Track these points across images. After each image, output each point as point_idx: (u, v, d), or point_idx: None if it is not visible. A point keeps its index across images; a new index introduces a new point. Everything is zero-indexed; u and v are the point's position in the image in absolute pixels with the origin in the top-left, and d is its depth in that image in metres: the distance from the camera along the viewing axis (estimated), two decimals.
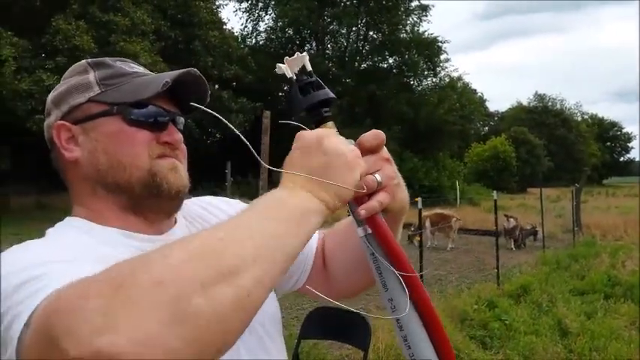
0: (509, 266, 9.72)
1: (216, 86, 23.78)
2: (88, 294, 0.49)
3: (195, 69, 0.89)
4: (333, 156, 0.72)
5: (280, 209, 0.66)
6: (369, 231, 0.80)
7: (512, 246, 12.70)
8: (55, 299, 0.53)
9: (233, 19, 77.52)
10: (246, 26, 36.00)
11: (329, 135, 0.75)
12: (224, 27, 28.56)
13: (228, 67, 25.21)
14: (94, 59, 0.94)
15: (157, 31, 21.74)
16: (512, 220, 12.75)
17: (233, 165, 7.84)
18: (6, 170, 21.04)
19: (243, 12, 35.09)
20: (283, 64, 0.82)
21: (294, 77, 0.82)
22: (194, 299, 0.49)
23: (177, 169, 0.88)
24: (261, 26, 35.40)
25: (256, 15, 34.58)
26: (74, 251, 0.74)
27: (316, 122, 0.82)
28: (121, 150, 0.85)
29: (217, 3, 28.69)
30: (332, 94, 0.82)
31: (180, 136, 0.90)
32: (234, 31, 32.90)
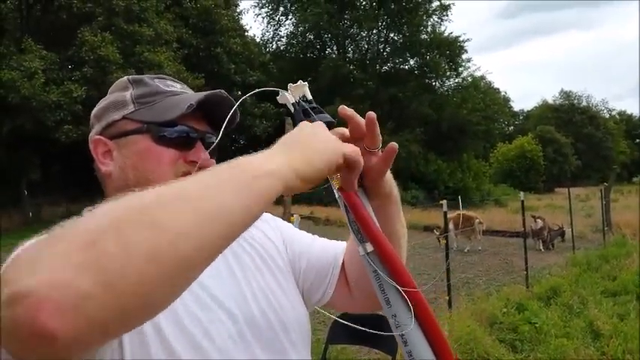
0: (539, 268, 9.57)
1: (239, 92, 23.99)
2: (31, 245, 0.53)
3: (223, 90, 0.92)
4: (321, 138, 0.74)
5: (230, 168, 0.63)
6: (371, 249, 0.80)
7: (541, 247, 12.50)
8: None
9: (254, 25, 78.40)
10: (267, 31, 36.32)
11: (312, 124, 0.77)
12: (245, 33, 28.86)
13: (251, 74, 25.43)
14: (135, 76, 0.98)
15: (179, 40, 22.06)
16: (539, 220, 12.56)
17: None
18: (36, 180, 21.53)
19: (263, 18, 35.40)
20: (287, 91, 0.87)
21: (297, 102, 0.87)
22: (107, 243, 0.49)
23: None
24: (282, 31, 35.67)
25: (277, 20, 34.84)
26: None
27: None
28: (149, 167, 0.90)
29: (238, 10, 29.01)
30: (332, 119, 0.85)
31: (206, 155, 0.93)
32: (256, 37, 33.21)
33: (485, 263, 10.80)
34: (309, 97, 0.88)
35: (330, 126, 0.83)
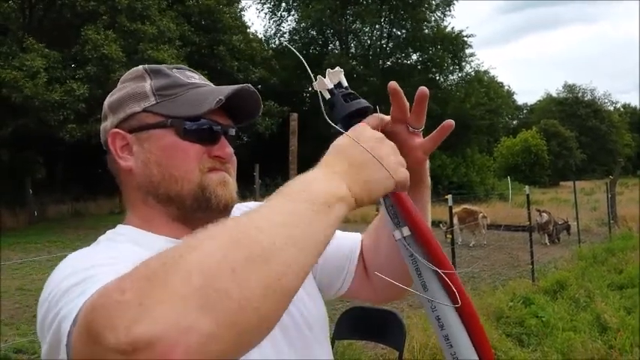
0: (544, 262, 9.55)
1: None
2: (123, 287, 0.50)
3: (250, 85, 0.91)
4: (381, 160, 0.72)
5: (308, 195, 0.64)
6: (408, 233, 0.80)
7: (547, 241, 12.46)
8: (96, 296, 0.54)
9: (256, 21, 77.95)
10: (269, 28, 36.27)
11: (386, 139, 0.77)
12: (247, 30, 28.82)
13: (254, 71, 25.39)
14: (152, 66, 0.95)
15: (182, 38, 22.05)
16: (544, 214, 12.51)
17: (261, 168, 7.93)
18: (41, 179, 21.58)
19: (265, 14, 35.33)
20: (324, 77, 0.85)
21: (333, 88, 0.86)
22: (224, 284, 0.50)
23: (226, 183, 0.91)
24: (284, 28, 35.59)
25: (279, 16, 34.76)
26: (120, 256, 0.76)
27: None
28: (174, 163, 0.88)
29: (240, 6, 28.96)
30: (369, 105, 0.85)
31: (231, 150, 0.92)
32: (258, 33, 33.15)
33: (490, 257, 10.78)
34: (345, 83, 0.86)
35: (367, 111, 0.84)
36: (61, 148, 20.76)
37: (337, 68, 0.87)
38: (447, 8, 33.99)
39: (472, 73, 35.37)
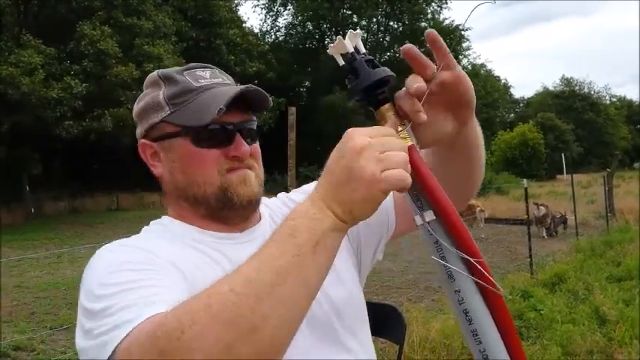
0: (542, 255, 9.56)
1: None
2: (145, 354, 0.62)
3: (251, 84, 0.95)
4: (356, 178, 0.66)
5: (295, 240, 0.65)
6: (432, 217, 0.73)
7: (544, 234, 12.47)
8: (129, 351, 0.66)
9: (252, 16, 77.70)
10: (265, 22, 36.16)
11: (370, 148, 0.67)
12: (243, 24, 28.75)
13: (250, 65, 25.36)
14: (164, 71, 0.99)
15: (178, 32, 21.99)
16: (542, 207, 12.52)
17: None
18: (37, 176, 21.52)
19: (261, 8, 35.21)
20: (343, 40, 0.76)
21: (352, 52, 0.77)
22: (242, 349, 0.59)
23: (246, 181, 0.95)
24: (280, 22, 35.52)
25: (275, 11, 34.66)
26: (152, 256, 0.85)
27: (377, 103, 0.77)
28: (194, 170, 0.94)
29: (236, 1, 28.88)
30: (392, 73, 0.77)
31: (246, 148, 0.94)
32: (254, 28, 33.05)
33: (488, 251, 10.78)
34: (363, 49, 0.78)
35: (389, 80, 0.76)
36: (58, 144, 20.70)
37: (358, 30, 0.79)
38: (444, 1, 34.00)
39: (469, 66, 35.42)
